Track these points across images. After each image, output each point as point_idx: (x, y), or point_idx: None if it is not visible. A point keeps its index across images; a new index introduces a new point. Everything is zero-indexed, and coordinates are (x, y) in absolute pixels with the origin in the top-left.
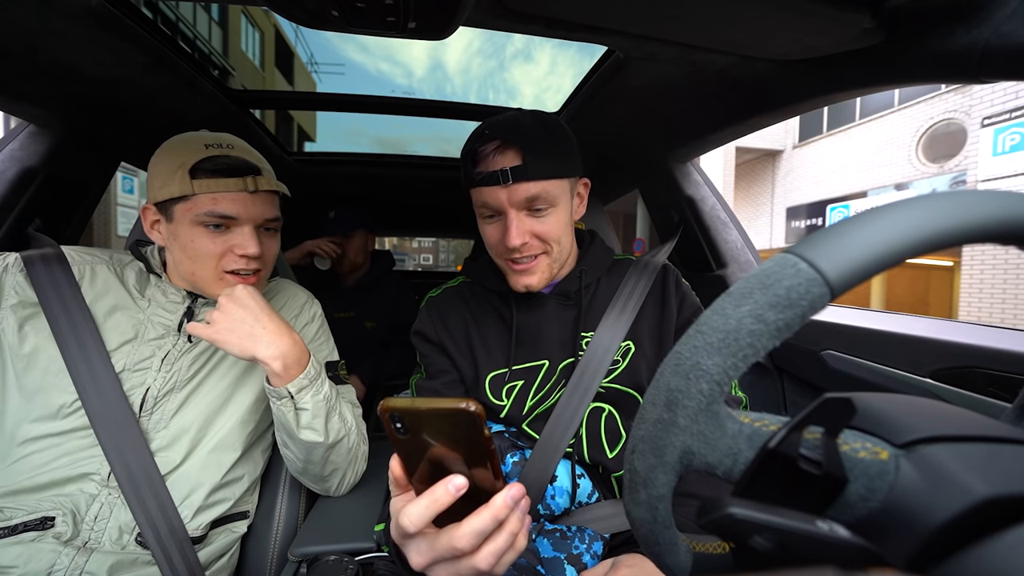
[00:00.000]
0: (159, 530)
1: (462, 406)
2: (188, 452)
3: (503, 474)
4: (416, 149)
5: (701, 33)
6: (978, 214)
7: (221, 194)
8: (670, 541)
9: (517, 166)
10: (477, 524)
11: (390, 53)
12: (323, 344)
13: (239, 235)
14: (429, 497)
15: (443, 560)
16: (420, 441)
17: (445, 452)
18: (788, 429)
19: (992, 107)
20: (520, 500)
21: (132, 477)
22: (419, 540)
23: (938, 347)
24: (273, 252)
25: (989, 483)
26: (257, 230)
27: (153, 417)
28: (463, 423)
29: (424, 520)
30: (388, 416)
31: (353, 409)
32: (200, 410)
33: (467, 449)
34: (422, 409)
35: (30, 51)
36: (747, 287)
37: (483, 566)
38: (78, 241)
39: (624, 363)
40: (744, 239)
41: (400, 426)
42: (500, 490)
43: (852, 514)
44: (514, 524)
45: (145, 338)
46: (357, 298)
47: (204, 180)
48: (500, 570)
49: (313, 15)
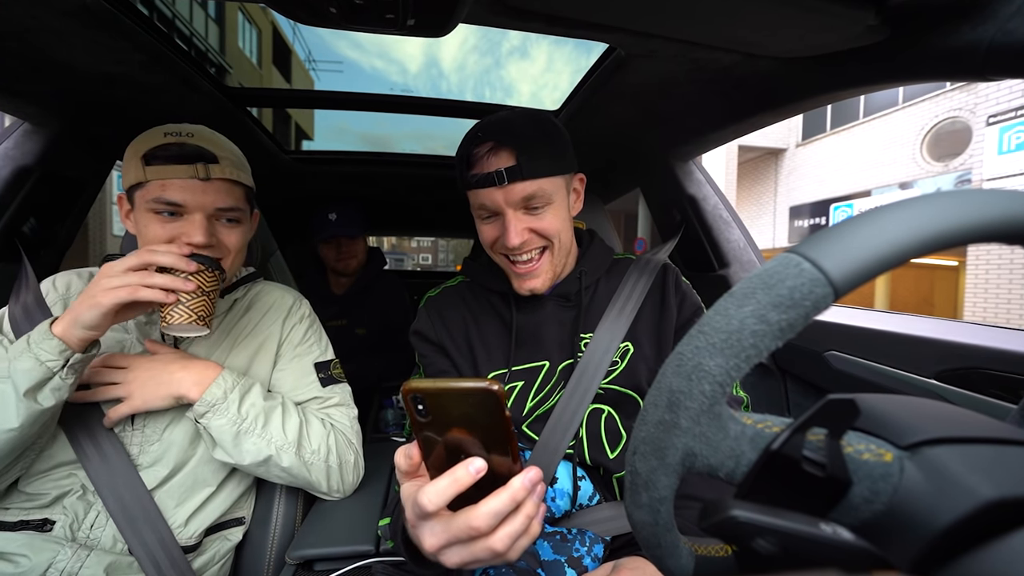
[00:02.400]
0: (147, 544)
1: (485, 385)
2: (182, 462)
3: (520, 458)
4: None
5: (703, 30)
6: (983, 213)
7: (170, 181)
8: (672, 544)
9: (511, 166)
10: (495, 504)
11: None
12: (313, 345)
13: (188, 223)
14: (450, 477)
15: (458, 542)
16: (440, 424)
17: (464, 436)
18: (791, 431)
19: (997, 105)
20: (537, 483)
21: (117, 495)
22: (433, 522)
23: (942, 348)
24: (233, 244)
25: (994, 485)
26: (210, 220)
27: (146, 431)
28: (485, 403)
29: (444, 499)
30: (410, 398)
31: (330, 416)
32: (190, 421)
33: (487, 432)
34: (445, 389)
35: (24, 48)
36: (750, 287)
37: (499, 547)
38: (74, 239)
39: (623, 364)
40: (746, 238)
41: (422, 408)
42: (517, 474)
43: (856, 516)
44: (530, 508)
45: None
46: (349, 304)
47: (155, 167)
48: (514, 555)
49: (312, 12)
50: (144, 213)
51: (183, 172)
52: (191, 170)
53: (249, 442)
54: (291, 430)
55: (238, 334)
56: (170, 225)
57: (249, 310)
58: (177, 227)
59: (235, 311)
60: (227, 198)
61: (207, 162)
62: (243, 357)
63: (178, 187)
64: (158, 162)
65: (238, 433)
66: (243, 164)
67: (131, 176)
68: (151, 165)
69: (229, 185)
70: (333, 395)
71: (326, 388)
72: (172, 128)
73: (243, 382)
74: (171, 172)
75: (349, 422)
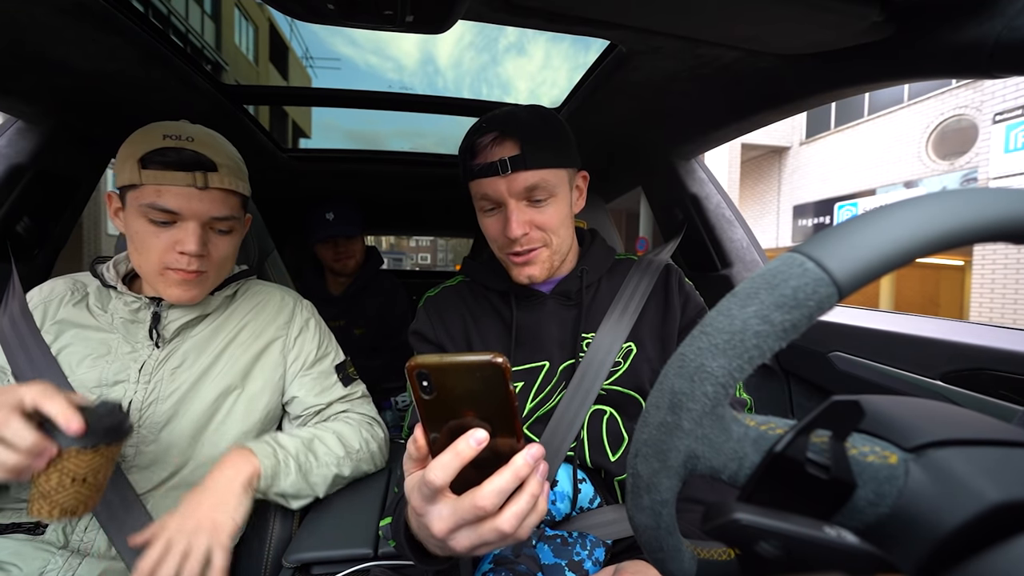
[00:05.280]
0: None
1: (489, 358)
2: (180, 465)
3: (523, 436)
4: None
5: (706, 26)
6: (989, 212)
7: (166, 187)
8: (674, 547)
9: (515, 156)
10: (499, 482)
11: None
12: (328, 348)
13: (182, 231)
14: (452, 451)
15: (466, 524)
16: (444, 400)
17: (468, 414)
18: (795, 432)
19: (1004, 103)
20: (539, 459)
21: (105, 499)
22: (440, 506)
23: (948, 349)
24: (224, 253)
25: (1001, 488)
26: (204, 228)
27: (141, 431)
28: (490, 377)
29: (449, 472)
30: (416, 374)
31: (355, 408)
32: (190, 420)
33: (491, 408)
34: (450, 363)
35: (18, 46)
36: (753, 287)
37: (506, 528)
38: (68, 239)
39: (625, 365)
40: (750, 238)
41: (427, 384)
42: (520, 451)
43: (860, 520)
44: (534, 486)
45: (118, 352)
46: (347, 304)
47: (152, 171)
48: (524, 533)
49: (309, 8)
50: (136, 216)
51: (180, 179)
52: (188, 178)
53: (315, 475)
54: (334, 445)
55: (230, 333)
56: (165, 233)
57: (249, 311)
58: (171, 235)
59: (235, 312)
60: (223, 207)
61: (206, 170)
62: (245, 359)
63: (174, 194)
64: (155, 167)
65: (305, 474)
66: (241, 171)
67: (125, 176)
68: (147, 169)
69: (227, 195)
70: (356, 390)
71: (348, 387)
72: (171, 130)
73: (267, 438)
74: (168, 178)
75: (371, 407)
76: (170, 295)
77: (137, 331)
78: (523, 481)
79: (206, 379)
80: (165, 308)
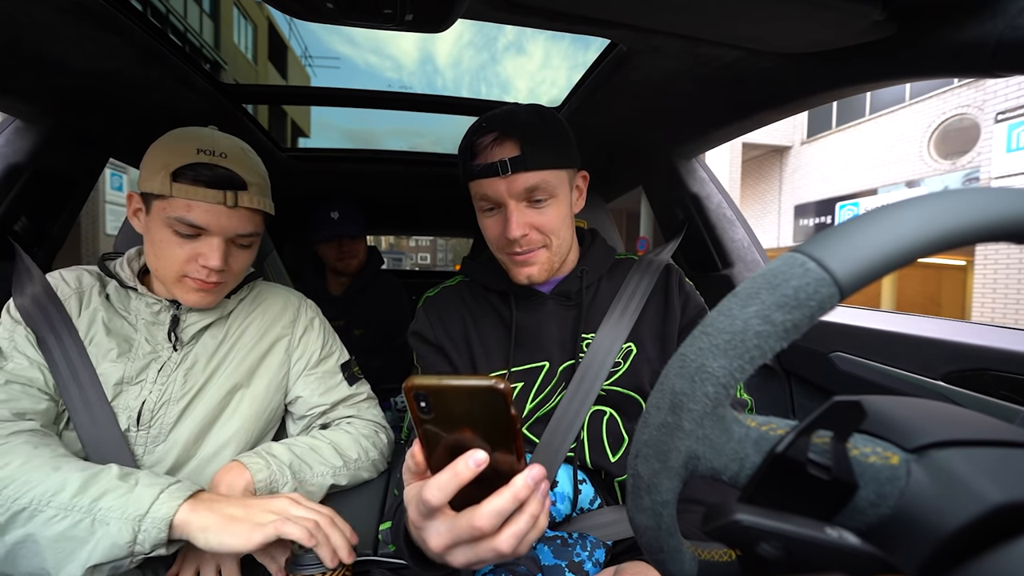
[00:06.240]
0: None
1: (491, 384)
2: (182, 462)
3: (524, 455)
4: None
5: (707, 25)
6: (991, 212)
7: (197, 203)
8: (675, 548)
9: (515, 156)
10: (497, 504)
11: (379, 46)
12: (333, 347)
13: (206, 245)
14: (451, 471)
15: (463, 542)
16: (443, 422)
17: (467, 433)
18: (796, 433)
19: (1006, 102)
20: (540, 481)
21: None
22: (438, 522)
23: (950, 349)
24: (242, 265)
25: (1003, 489)
26: (227, 243)
27: (152, 431)
28: (490, 402)
29: (446, 493)
30: (413, 394)
31: (359, 412)
32: (197, 419)
33: (491, 430)
34: (449, 386)
35: (16, 44)
36: (754, 287)
37: (504, 548)
38: (66, 238)
39: (625, 365)
40: (751, 238)
41: (424, 405)
42: (521, 471)
43: (862, 520)
44: (534, 507)
45: (140, 351)
46: (347, 304)
47: (183, 185)
48: (523, 549)
49: (308, 7)
50: (161, 226)
51: (211, 197)
52: (219, 196)
53: (310, 485)
54: (330, 456)
55: (237, 333)
56: (188, 245)
57: (253, 310)
58: (195, 247)
59: (239, 311)
60: (248, 224)
61: (236, 189)
62: (251, 358)
63: (203, 210)
64: (187, 181)
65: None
66: (268, 189)
67: (156, 185)
68: (179, 182)
69: (252, 212)
70: (361, 391)
71: (353, 386)
72: (205, 144)
73: (257, 450)
74: (199, 195)
75: (377, 411)
76: (187, 300)
77: (157, 332)
78: (523, 501)
79: (215, 379)
80: (184, 311)
